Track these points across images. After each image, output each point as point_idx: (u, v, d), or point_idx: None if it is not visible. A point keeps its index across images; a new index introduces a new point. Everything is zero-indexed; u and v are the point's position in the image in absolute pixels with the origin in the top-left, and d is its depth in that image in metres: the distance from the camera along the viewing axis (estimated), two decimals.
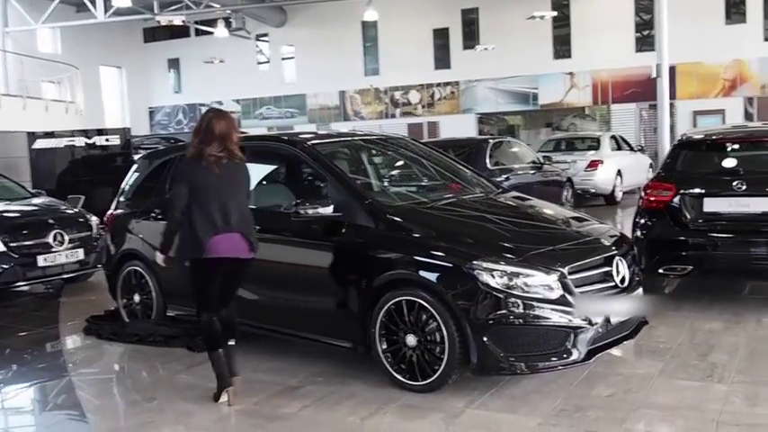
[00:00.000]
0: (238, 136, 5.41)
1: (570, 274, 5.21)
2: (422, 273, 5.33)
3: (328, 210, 5.83)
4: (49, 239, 9.36)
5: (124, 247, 7.67)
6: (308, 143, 6.63)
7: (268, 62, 36.88)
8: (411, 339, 5.33)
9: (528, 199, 6.99)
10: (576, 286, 5.20)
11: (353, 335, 5.69)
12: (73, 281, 10.16)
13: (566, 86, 30.74)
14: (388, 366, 5.47)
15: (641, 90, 27.68)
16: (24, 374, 6.69)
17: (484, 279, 5.08)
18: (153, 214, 7.37)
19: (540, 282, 5.12)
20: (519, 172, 14.09)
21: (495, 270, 5.10)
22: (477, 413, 5.01)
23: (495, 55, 30.11)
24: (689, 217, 7.30)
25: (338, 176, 6.18)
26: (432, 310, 5.20)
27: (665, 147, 21.52)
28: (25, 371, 6.78)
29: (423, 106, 33.83)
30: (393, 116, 33.99)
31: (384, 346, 5.47)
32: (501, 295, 5.04)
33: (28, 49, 27.73)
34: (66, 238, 9.52)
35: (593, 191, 17.71)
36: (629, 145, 20.76)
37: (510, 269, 5.12)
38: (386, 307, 5.42)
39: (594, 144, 19.12)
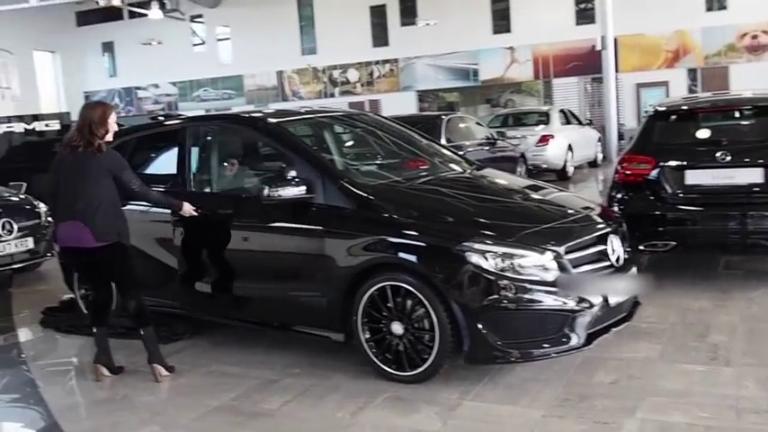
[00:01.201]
0: (106, 128, 5.37)
1: (566, 253, 4.89)
2: (406, 256, 4.96)
3: (301, 191, 5.40)
4: None
5: None
6: (271, 121, 6.24)
7: (203, 44, 36.03)
8: (397, 327, 4.97)
9: (507, 176, 6.65)
10: (573, 267, 4.89)
11: (333, 323, 5.31)
12: (22, 270, 9.53)
13: (506, 62, 30.49)
14: (372, 356, 5.11)
15: (583, 63, 27.56)
16: None
17: (475, 261, 4.72)
18: None
19: (535, 262, 4.78)
20: (471, 149, 13.79)
21: (486, 251, 4.75)
22: (474, 405, 4.67)
23: (433, 31, 29.72)
24: (669, 191, 7.01)
25: (309, 156, 5.81)
26: (419, 295, 4.84)
27: (612, 120, 21.49)
28: None
29: (362, 85, 33.36)
30: (332, 95, 33.48)
31: (367, 335, 5.10)
32: (494, 278, 4.69)
33: None
34: (15, 226, 8.94)
35: (544, 166, 17.41)
36: (577, 119, 20.59)
37: (502, 250, 4.77)
38: (368, 293, 5.05)
39: (544, 119, 18.80)
